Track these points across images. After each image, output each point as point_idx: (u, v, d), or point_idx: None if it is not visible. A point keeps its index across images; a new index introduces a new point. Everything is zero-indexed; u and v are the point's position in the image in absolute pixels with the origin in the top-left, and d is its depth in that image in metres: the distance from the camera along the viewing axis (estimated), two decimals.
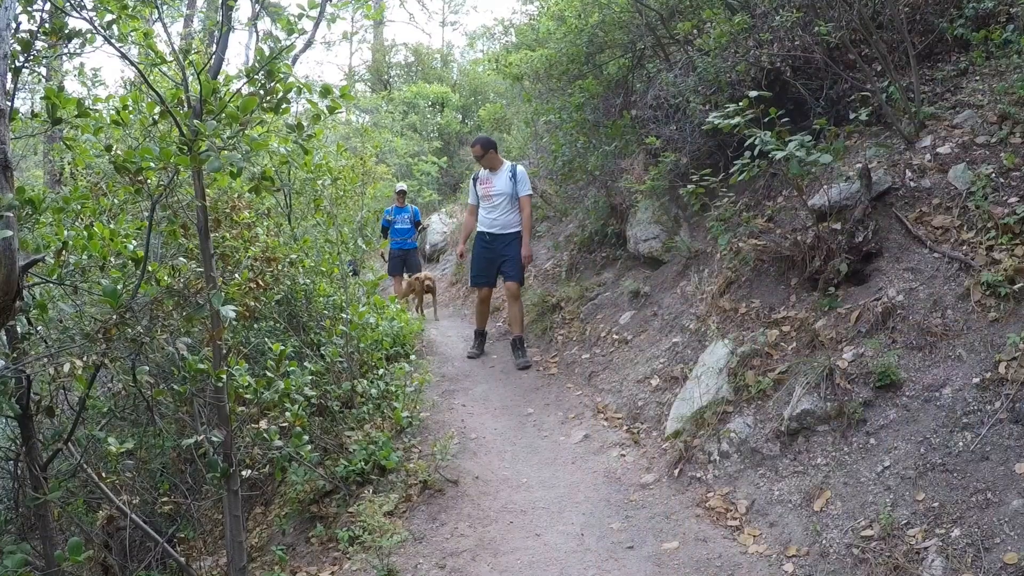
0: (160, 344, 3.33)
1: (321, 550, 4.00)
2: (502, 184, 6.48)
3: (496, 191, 6.48)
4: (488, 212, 6.55)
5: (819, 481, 3.38)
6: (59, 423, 3.68)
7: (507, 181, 6.45)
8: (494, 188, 6.48)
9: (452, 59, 23.46)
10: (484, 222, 6.57)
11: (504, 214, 6.47)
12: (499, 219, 6.49)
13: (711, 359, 4.50)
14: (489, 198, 6.51)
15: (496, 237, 6.50)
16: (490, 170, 6.55)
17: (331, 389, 4.94)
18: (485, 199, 6.54)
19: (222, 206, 4.57)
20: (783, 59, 5.27)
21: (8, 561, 2.83)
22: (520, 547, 3.58)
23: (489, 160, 6.53)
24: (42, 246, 3.00)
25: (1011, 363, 3.15)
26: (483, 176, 6.61)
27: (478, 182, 6.64)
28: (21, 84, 3.06)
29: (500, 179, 6.49)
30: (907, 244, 4.07)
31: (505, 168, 6.54)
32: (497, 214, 6.49)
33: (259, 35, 3.10)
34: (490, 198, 6.50)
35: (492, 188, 6.50)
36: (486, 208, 6.56)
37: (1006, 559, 2.59)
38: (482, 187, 6.57)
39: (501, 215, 6.49)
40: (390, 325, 6.59)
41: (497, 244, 6.50)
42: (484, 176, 6.59)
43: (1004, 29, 4.72)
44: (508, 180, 6.46)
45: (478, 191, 6.64)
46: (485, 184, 6.55)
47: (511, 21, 14.55)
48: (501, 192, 6.47)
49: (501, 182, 6.48)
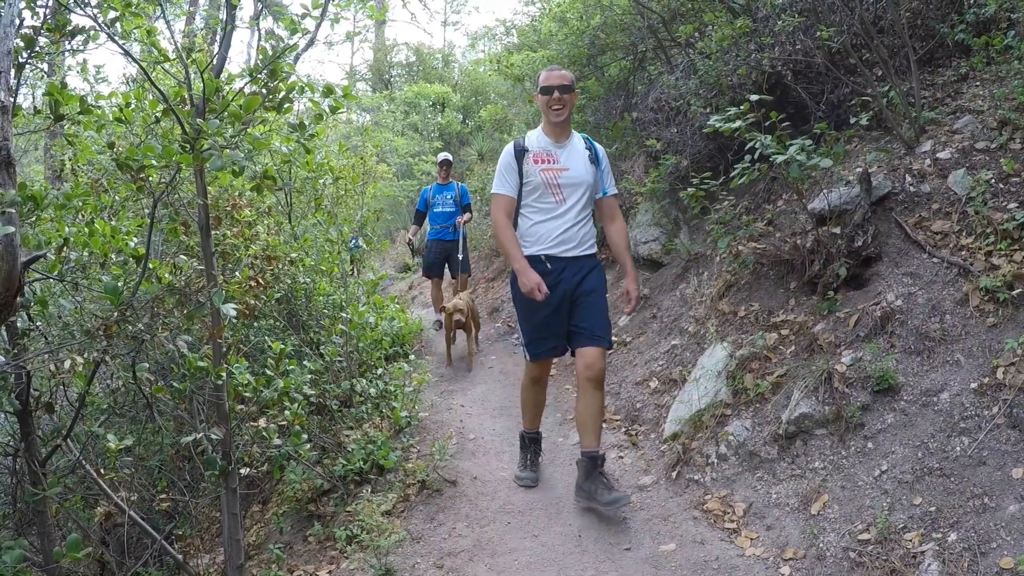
0: (160, 341, 3.33)
1: (319, 549, 4.00)
2: (579, 165, 3.71)
3: (572, 178, 3.69)
4: (549, 217, 3.70)
5: (816, 484, 3.38)
6: (58, 419, 3.67)
7: (586, 162, 3.74)
8: (569, 173, 3.68)
9: (453, 59, 23.47)
10: (538, 236, 3.72)
11: (581, 222, 3.74)
12: (573, 231, 3.70)
13: (710, 362, 4.50)
14: (556, 190, 3.67)
15: (566, 264, 3.70)
16: (552, 138, 3.72)
17: (330, 388, 4.94)
18: (547, 191, 3.67)
19: (223, 204, 4.58)
20: (784, 63, 5.28)
21: (6, 557, 2.83)
22: (518, 548, 3.59)
23: (556, 114, 3.66)
24: (43, 242, 3.01)
25: (1009, 368, 3.16)
26: (541, 147, 3.71)
27: (531, 158, 3.69)
28: (24, 80, 3.07)
29: (575, 156, 3.73)
30: (906, 249, 4.08)
31: (578, 140, 3.82)
32: (570, 221, 3.69)
33: (262, 34, 3.10)
34: (558, 190, 3.67)
35: (564, 172, 3.68)
36: (545, 209, 3.71)
37: (1002, 564, 2.59)
38: (540, 167, 3.67)
39: (577, 223, 3.71)
40: (389, 325, 6.60)
41: (569, 277, 3.70)
42: (543, 147, 3.71)
43: (1005, 35, 4.73)
44: (587, 161, 3.75)
45: (528, 174, 3.69)
46: (548, 162, 3.68)
47: (513, 22, 14.57)
48: (578, 181, 3.69)
49: (578, 162, 3.72)
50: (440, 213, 7.88)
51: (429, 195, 8.01)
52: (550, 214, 3.69)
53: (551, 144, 3.72)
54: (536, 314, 3.72)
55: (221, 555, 3.96)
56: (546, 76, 3.67)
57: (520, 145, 3.74)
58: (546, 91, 3.63)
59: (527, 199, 3.73)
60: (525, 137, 3.80)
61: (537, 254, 3.68)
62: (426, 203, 7.99)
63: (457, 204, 7.93)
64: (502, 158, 3.75)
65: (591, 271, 3.76)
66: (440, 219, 7.86)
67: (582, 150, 3.76)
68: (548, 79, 3.65)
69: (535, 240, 3.72)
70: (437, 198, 7.94)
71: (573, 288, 3.70)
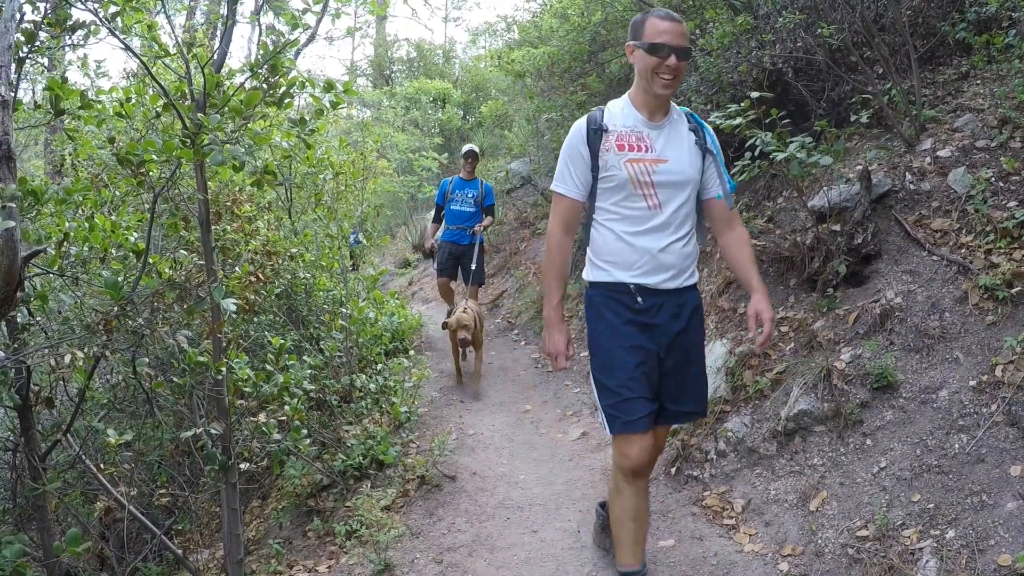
0: (160, 336, 3.34)
1: (318, 544, 4.01)
2: (683, 155, 2.60)
3: (673, 174, 2.57)
4: (640, 229, 2.58)
5: (815, 481, 3.39)
6: (58, 414, 3.68)
7: (692, 150, 2.62)
8: (668, 166, 2.56)
9: (454, 55, 23.43)
10: (624, 256, 2.60)
11: (685, 238, 2.64)
12: (675, 251, 2.60)
13: (709, 358, 4.51)
14: (649, 191, 2.56)
15: (664, 300, 2.63)
16: (647, 114, 2.59)
17: (330, 383, 4.95)
18: (636, 192, 2.56)
19: (223, 199, 4.58)
20: (785, 60, 5.27)
21: (6, 551, 2.84)
22: (517, 543, 3.60)
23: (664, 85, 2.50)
24: (44, 237, 3.01)
25: (1008, 366, 3.16)
26: (628, 127, 2.59)
27: (612, 142, 2.57)
28: (24, 75, 3.07)
29: (677, 142, 2.61)
30: (906, 246, 4.08)
31: (680, 118, 2.67)
32: (670, 236, 2.59)
33: (262, 29, 3.10)
34: (651, 191, 2.56)
35: (661, 165, 2.55)
36: (633, 217, 2.59)
37: (1000, 561, 2.60)
38: (627, 156, 2.55)
39: (679, 239, 2.61)
40: (389, 320, 6.60)
41: (667, 321, 2.63)
42: (632, 127, 2.59)
43: (1006, 33, 4.73)
44: (694, 148, 2.63)
45: (608, 165, 2.58)
46: (638, 149, 2.56)
47: (514, 18, 14.56)
48: (682, 178, 2.59)
49: (681, 150, 2.60)
50: (458, 212, 6.89)
51: (448, 188, 7.01)
52: (641, 225, 2.53)
53: (643, 123, 2.56)
54: (625, 361, 2.53)
55: (221, 550, 3.97)
56: (655, 26, 2.43)
57: (596, 122, 2.58)
58: (655, 50, 2.42)
59: (604, 201, 2.57)
60: (604, 110, 2.62)
61: (623, 282, 2.56)
62: (444, 197, 7.02)
63: (478, 205, 6.91)
64: (568, 141, 2.64)
65: (693, 314, 2.67)
66: (457, 218, 6.89)
67: (686, 133, 2.60)
68: (659, 32, 2.42)
69: (619, 262, 2.57)
70: (457, 194, 6.94)
71: (671, 340, 2.60)
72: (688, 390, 2.72)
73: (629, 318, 2.58)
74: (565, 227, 2.69)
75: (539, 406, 5.44)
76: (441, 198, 7.02)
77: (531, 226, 10.30)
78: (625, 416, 2.56)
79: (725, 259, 2.88)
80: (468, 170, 7.00)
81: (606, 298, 2.64)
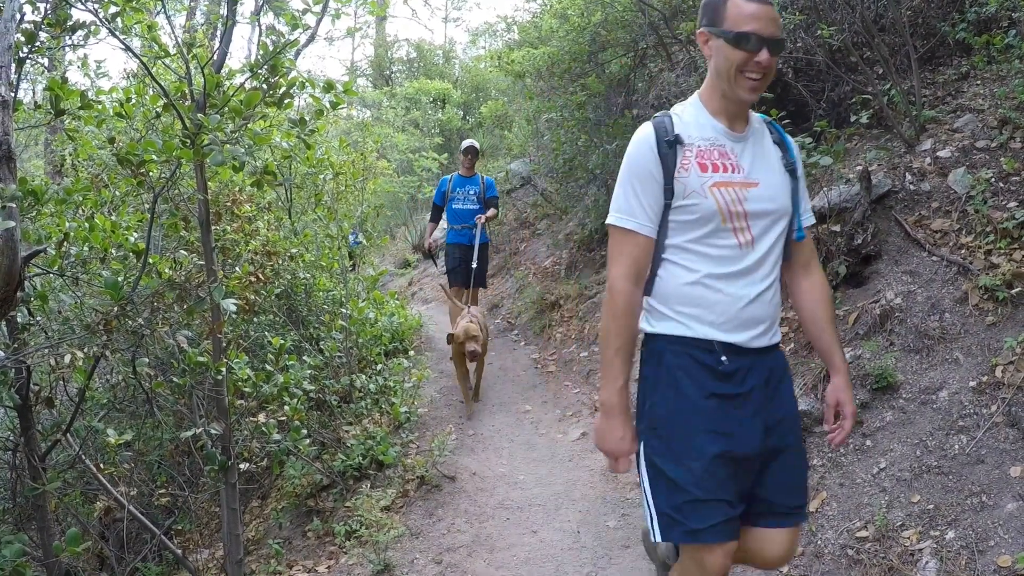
0: (160, 336, 3.34)
1: (318, 544, 4.01)
2: (774, 177, 1.98)
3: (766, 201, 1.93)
4: (728, 271, 1.90)
5: (815, 482, 3.39)
6: (58, 414, 3.68)
7: (781, 171, 2.01)
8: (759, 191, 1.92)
9: (454, 56, 23.43)
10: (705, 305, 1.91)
11: (774, 284, 1.98)
12: (766, 300, 1.95)
13: None
14: (740, 223, 1.90)
15: (754, 362, 1.94)
16: (726, 122, 1.96)
17: (329, 384, 4.95)
18: (724, 226, 1.89)
19: (223, 200, 4.58)
20: (785, 61, 5.28)
21: (6, 551, 2.84)
22: (516, 543, 3.60)
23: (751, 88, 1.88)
24: (44, 237, 3.01)
25: (1008, 367, 3.16)
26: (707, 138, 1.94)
27: (691, 158, 1.90)
28: (24, 75, 3.07)
29: (766, 159, 1.99)
30: (906, 247, 4.08)
31: (760, 126, 2.05)
32: (762, 282, 1.94)
33: (262, 29, 3.10)
34: (743, 223, 1.90)
35: (751, 190, 1.91)
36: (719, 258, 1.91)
37: (999, 562, 2.60)
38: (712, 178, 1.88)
39: (771, 286, 1.97)
40: (389, 321, 6.61)
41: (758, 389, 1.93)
42: (712, 139, 1.94)
43: (1006, 34, 4.73)
44: (781, 167, 2.01)
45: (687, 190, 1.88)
46: (724, 169, 1.90)
47: (514, 18, 14.56)
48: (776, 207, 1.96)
49: (771, 171, 1.98)
50: (461, 211, 6.45)
51: (448, 187, 6.53)
52: (729, 267, 1.91)
53: (725, 134, 1.94)
54: (703, 449, 1.88)
55: (220, 550, 3.97)
56: (740, 8, 1.83)
57: (665, 130, 1.92)
58: (742, 41, 1.83)
59: (680, 237, 1.92)
60: (672, 116, 1.97)
61: (705, 338, 1.91)
62: (443, 197, 6.57)
63: (481, 201, 6.53)
64: (631, 159, 1.95)
65: (783, 377, 2.03)
66: (461, 218, 6.43)
67: (771, 148, 2.01)
68: (747, 17, 1.82)
69: (699, 313, 1.92)
70: (458, 192, 6.49)
71: (763, 415, 1.93)
72: (788, 473, 2.00)
73: (711, 390, 1.89)
74: (636, 276, 1.92)
75: (539, 407, 5.44)
76: (440, 198, 6.64)
77: (531, 226, 10.31)
78: (694, 523, 1.86)
79: (798, 314, 2.19)
80: (467, 166, 6.64)
81: (681, 357, 1.92)
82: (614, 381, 1.93)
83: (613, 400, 1.93)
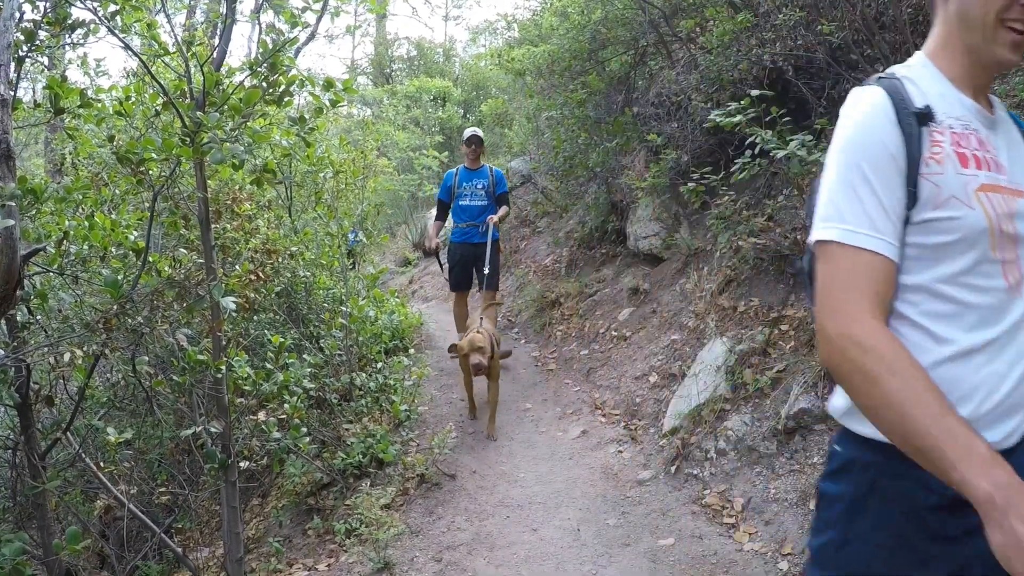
0: (160, 335, 3.34)
1: (318, 542, 4.02)
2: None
3: None
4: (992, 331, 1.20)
5: (815, 480, 3.39)
6: (58, 413, 3.68)
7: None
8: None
9: (454, 54, 23.41)
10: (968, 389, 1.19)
11: None
12: None
13: (709, 357, 4.51)
14: (1007, 250, 1.22)
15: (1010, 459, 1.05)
16: (971, 95, 1.30)
17: (329, 382, 4.95)
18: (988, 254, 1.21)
19: (223, 198, 4.58)
20: (785, 58, 5.27)
21: (6, 550, 2.84)
22: (516, 541, 3.60)
23: None
24: (43, 236, 3.01)
25: None
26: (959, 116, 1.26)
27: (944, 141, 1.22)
28: (24, 74, 3.07)
29: (1018, 152, 1.33)
30: None
31: (1002, 111, 1.37)
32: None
33: (262, 27, 3.10)
34: (1009, 250, 1.23)
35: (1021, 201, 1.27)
36: (978, 306, 1.20)
37: None
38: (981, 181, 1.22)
39: None
40: (389, 319, 6.61)
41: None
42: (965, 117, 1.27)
43: None
44: None
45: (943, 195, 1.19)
46: (987, 166, 1.24)
47: (514, 16, 14.54)
48: None
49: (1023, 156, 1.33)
50: (468, 207, 5.90)
51: (453, 182, 5.98)
52: (993, 325, 1.22)
53: (978, 114, 1.31)
54: None
55: (220, 548, 3.98)
56: None
57: (902, 97, 1.25)
58: None
59: (921, 273, 1.23)
60: (903, 81, 1.29)
61: None
62: (449, 192, 6.02)
63: (491, 196, 5.95)
64: (857, 129, 1.25)
65: None
66: (468, 215, 5.89)
67: (1019, 140, 1.38)
68: None
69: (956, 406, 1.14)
70: (464, 187, 5.92)
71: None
72: None
73: (929, 521, 1.22)
74: (881, 311, 1.19)
75: (539, 405, 5.44)
76: (446, 193, 6.05)
77: (531, 224, 10.31)
78: None
79: None
80: (472, 157, 5.99)
81: (898, 478, 1.24)
82: (972, 449, 1.05)
83: (998, 473, 1.02)
